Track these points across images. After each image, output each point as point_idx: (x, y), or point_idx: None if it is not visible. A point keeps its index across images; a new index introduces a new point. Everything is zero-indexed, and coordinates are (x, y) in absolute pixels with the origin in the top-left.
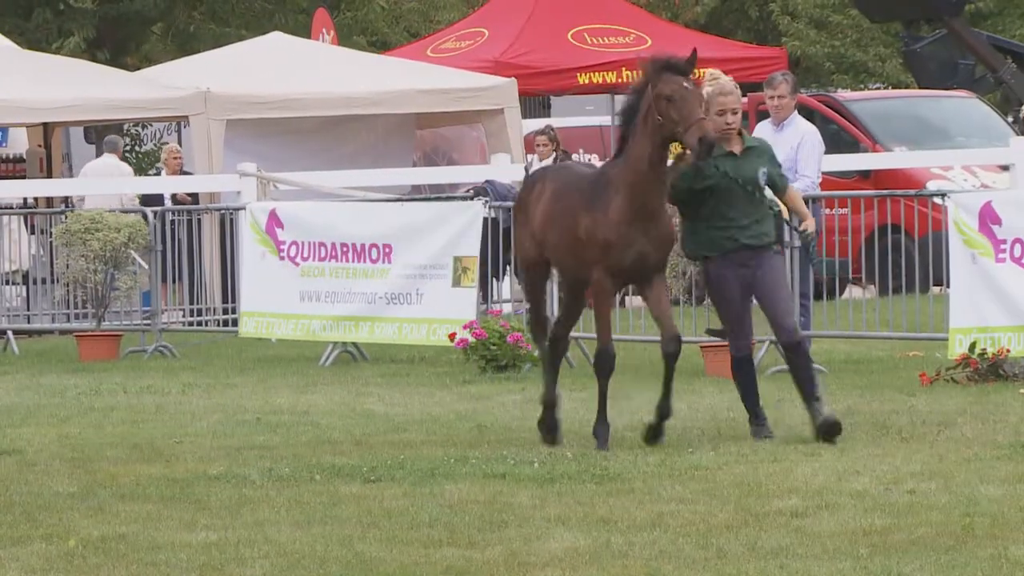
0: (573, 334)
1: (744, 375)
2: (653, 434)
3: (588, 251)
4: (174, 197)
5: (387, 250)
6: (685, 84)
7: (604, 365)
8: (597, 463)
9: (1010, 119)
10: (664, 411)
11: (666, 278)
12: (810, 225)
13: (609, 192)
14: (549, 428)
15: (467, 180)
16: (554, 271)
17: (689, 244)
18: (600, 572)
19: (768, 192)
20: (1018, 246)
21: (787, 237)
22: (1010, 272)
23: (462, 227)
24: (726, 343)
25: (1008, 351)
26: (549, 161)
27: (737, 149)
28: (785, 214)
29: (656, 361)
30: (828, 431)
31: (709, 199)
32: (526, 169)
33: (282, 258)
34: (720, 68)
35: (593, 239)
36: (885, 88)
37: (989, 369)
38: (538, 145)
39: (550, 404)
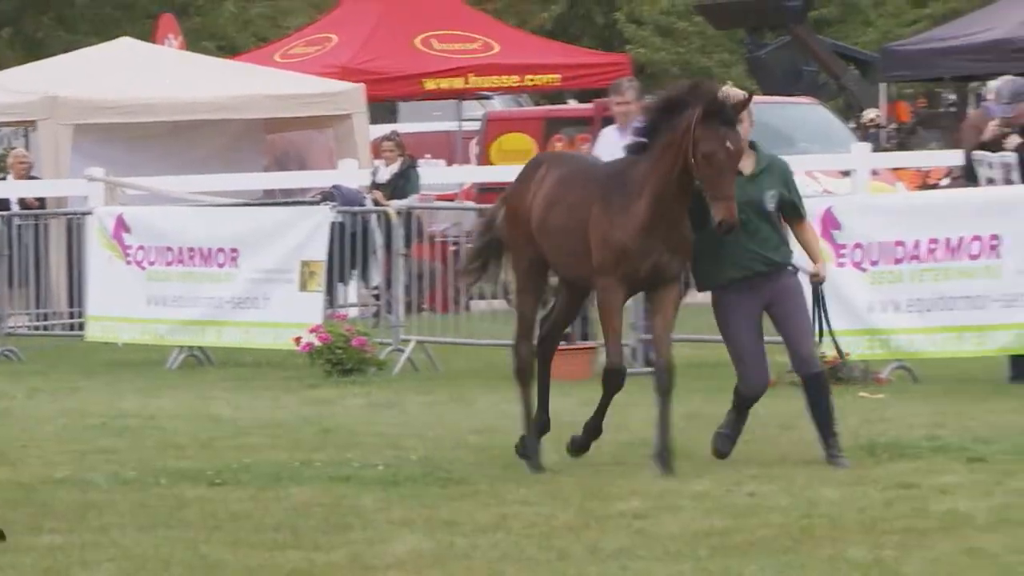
0: (417, 337)
1: (743, 409)
2: (664, 454)
3: (600, 254)
4: (22, 202)
5: (234, 254)
6: (728, 145)
7: (613, 383)
8: (441, 466)
9: (852, 125)
10: (594, 429)
11: (679, 287)
12: (821, 270)
13: (629, 193)
14: (532, 451)
15: (315, 185)
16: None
17: (699, 273)
18: (443, 574)
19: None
20: (858, 251)
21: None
22: (850, 277)
23: (309, 231)
24: (571, 347)
25: (848, 355)
26: (396, 167)
27: (748, 169)
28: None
29: (499, 367)
30: (716, 452)
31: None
32: (373, 174)
33: (128, 262)
34: (566, 74)
35: (608, 243)
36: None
37: (829, 373)
38: (384, 151)
39: (541, 427)
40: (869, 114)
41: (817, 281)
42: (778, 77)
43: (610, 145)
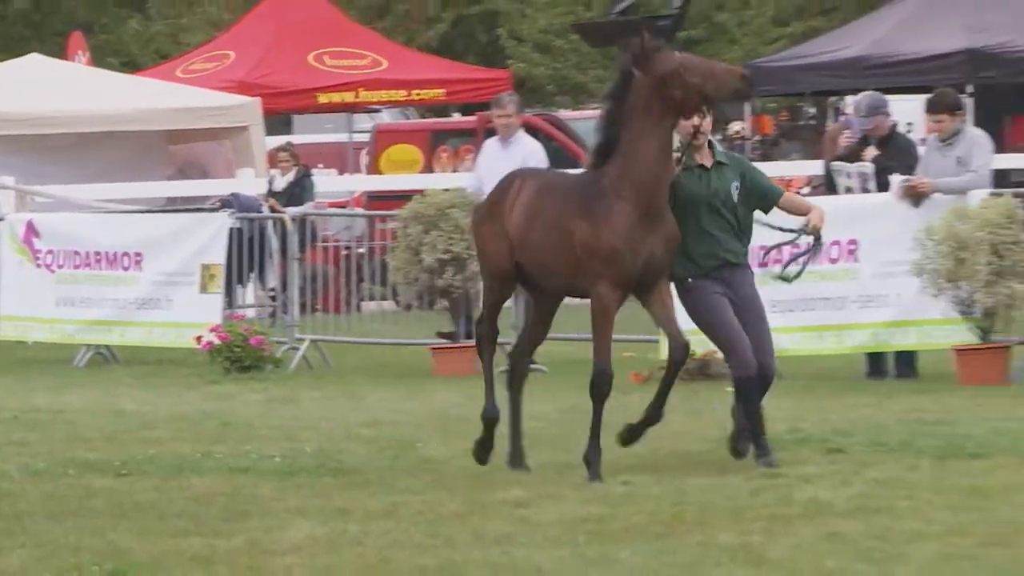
0: (311, 336)
1: (754, 398)
2: (631, 435)
3: (589, 263)
4: None
5: (138, 258)
6: (677, 52)
7: (601, 386)
8: (334, 457)
9: (719, 137)
10: (654, 417)
11: (668, 281)
12: (814, 217)
13: (607, 198)
14: (486, 448)
15: (214, 192)
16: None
17: (673, 267)
18: (336, 560)
19: (762, 217)
20: None
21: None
22: None
23: (209, 237)
24: (456, 344)
25: (713, 352)
26: (291, 176)
27: (708, 162)
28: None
29: (389, 364)
30: (736, 452)
31: (687, 215)
32: (269, 183)
33: (38, 266)
34: (451, 89)
35: (596, 250)
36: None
37: (698, 369)
38: (280, 161)
39: (492, 422)
40: (735, 127)
41: (818, 227)
42: None
43: (492, 155)
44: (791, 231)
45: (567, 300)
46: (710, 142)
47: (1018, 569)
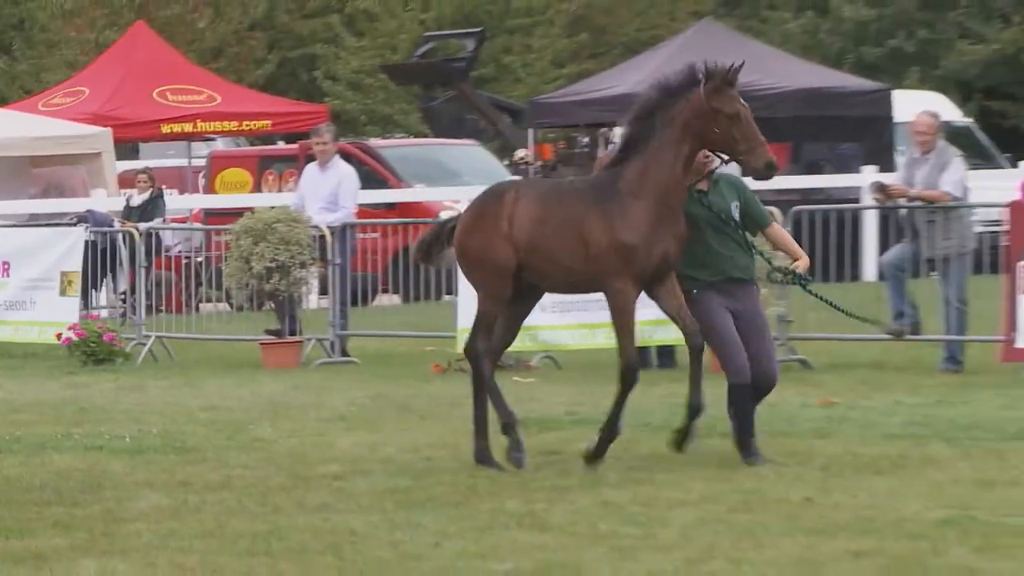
0: (156, 333)
1: (744, 405)
2: (684, 437)
3: (609, 259)
4: None
5: (6, 266)
6: (743, 103)
7: (630, 380)
8: (177, 437)
9: (506, 162)
10: (696, 407)
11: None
12: (802, 264)
13: (624, 198)
14: (518, 446)
15: (72, 210)
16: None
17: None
18: (179, 525)
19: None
20: None
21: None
22: None
23: (67, 248)
24: (282, 340)
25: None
26: (146, 196)
27: (705, 186)
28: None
29: (223, 357)
30: (677, 447)
31: (694, 236)
32: (127, 201)
33: None
34: (276, 120)
35: (617, 247)
36: (408, 137)
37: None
38: (139, 182)
39: (512, 424)
40: (520, 153)
41: (803, 273)
42: (447, 124)
43: (311, 178)
44: (778, 269)
45: (377, 301)
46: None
47: (761, 530)
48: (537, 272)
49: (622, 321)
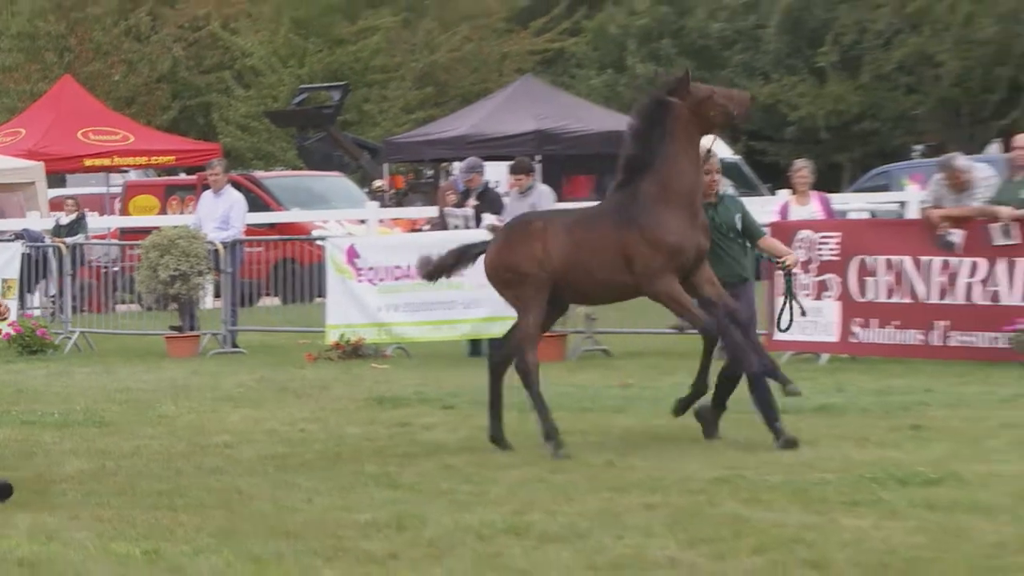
0: (80, 329)
1: (763, 391)
2: (684, 407)
3: (652, 259)
4: None
5: None
6: (705, 85)
7: (711, 341)
8: (97, 414)
9: (366, 191)
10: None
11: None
12: (790, 258)
13: (654, 207)
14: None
15: (11, 228)
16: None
17: None
18: (98, 486)
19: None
20: (372, 272)
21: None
22: (365, 289)
23: (7, 259)
24: (183, 335)
25: (363, 339)
26: (72, 217)
27: (712, 199)
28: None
29: (135, 348)
30: (788, 446)
31: None
32: (57, 221)
33: None
34: (179, 156)
35: (660, 248)
36: (286, 169)
37: (352, 351)
38: (66, 206)
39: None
40: (377, 183)
41: (791, 265)
42: (318, 159)
43: (207, 203)
44: (776, 260)
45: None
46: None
47: (571, 487)
48: (574, 290)
49: (678, 302)
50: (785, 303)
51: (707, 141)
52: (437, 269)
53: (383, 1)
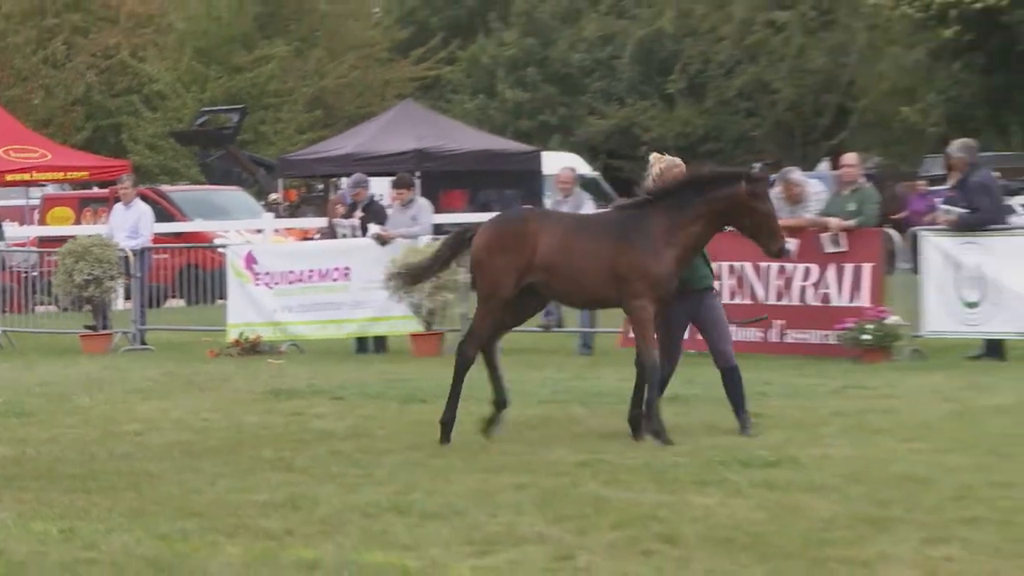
0: (3, 328)
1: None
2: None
3: (638, 283)
4: None
5: None
6: (771, 203)
7: (649, 375)
8: (18, 406)
9: (263, 203)
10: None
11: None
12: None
13: (656, 239)
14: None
15: None
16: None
17: None
18: (20, 470)
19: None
20: (268, 276)
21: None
22: (262, 292)
23: None
24: (96, 333)
25: (261, 337)
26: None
27: None
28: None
29: (53, 346)
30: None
31: None
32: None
33: None
34: (92, 172)
35: (646, 275)
36: (189, 184)
37: (250, 348)
38: None
39: (501, 404)
40: (272, 196)
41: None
42: (219, 175)
43: (118, 214)
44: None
45: (172, 304)
46: None
47: (449, 469)
48: (553, 289)
49: (645, 331)
50: None
51: (571, 160)
52: (433, 264)
53: (277, 32)
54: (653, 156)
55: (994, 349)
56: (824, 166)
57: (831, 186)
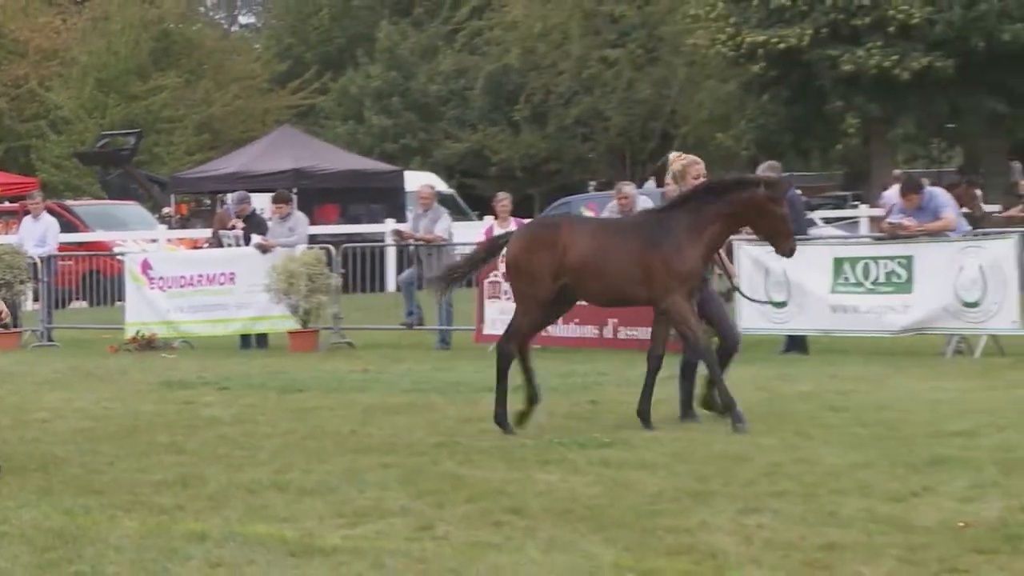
0: None
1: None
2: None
3: (669, 280)
4: None
5: None
6: (787, 208)
7: (705, 356)
8: None
9: (157, 216)
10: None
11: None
12: (735, 280)
13: (679, 237)
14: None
15: None
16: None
17: None
18: None
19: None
20: (162, 280)
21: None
22: (157, 294)
23: None
24: (8, 331)
25: (156, 335)
26: None
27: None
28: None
29: None
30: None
31: None
32: None
33: None
34: (2, 188)
35: (676, 272)
36: (92, 199)
37: (146, 344)
38: None
39: (533, 398)
40: (165, 210)
41: (736, 285)
42: (118, 191)
43: (28, 226)
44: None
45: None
46: None
47: (322, 451)
48: (585, 290)
49: (686, 321)
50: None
51: (430, 178)
52: (467, 265)
53: (169, 65)
54: (672, 154)
55: (798, 344)
56: (651, 184)
57: (658, 202)
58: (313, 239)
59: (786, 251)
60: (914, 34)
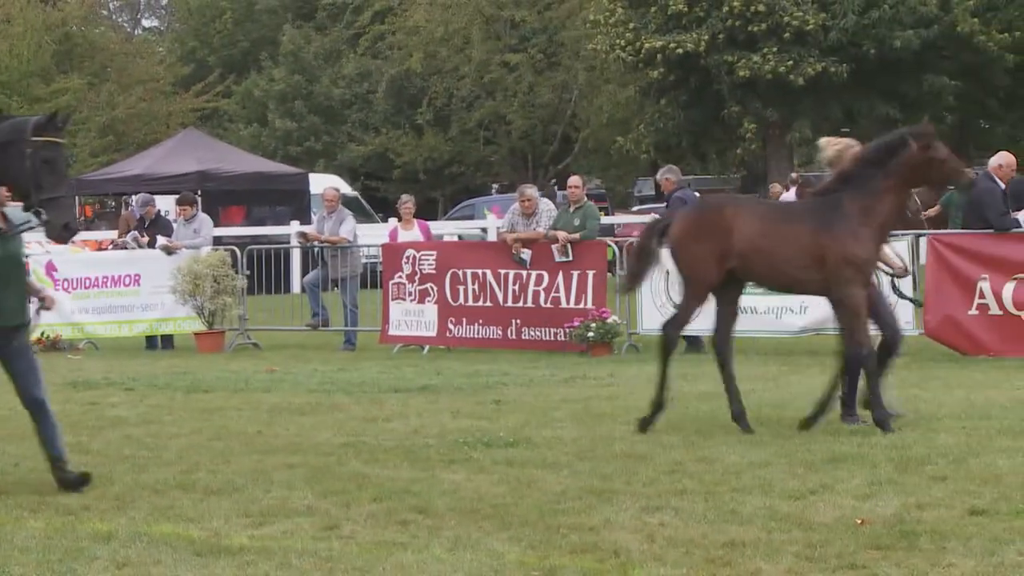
0: None
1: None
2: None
3: (844, 269)
4: None
5: None
6: (943, 147)
7: (868, 362)
8: None
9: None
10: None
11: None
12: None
13: (852, 221)
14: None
15: None
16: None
17: None
18: None
19: None
20: (67, 283)
21: None
22: (62, 295)
23: None
24: None
25: (61, 335)
26: None
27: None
28: None
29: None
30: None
31: None
32: None
33: None
34: None
35: (853, 260)
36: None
37: (51, 345)
38: None
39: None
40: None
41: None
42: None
43: None
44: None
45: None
46: None
47: (229, 451)
48: (753, 274)
49: (858, 320)
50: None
51: (334, 181)
52: (644, 258)
53: (73, 68)
54: (823, 140)
55: (696, 344)
56: (555, 189)
57: (560, 204)
58: (218, 241)
59: (965, 184)
60: (809, 40)
